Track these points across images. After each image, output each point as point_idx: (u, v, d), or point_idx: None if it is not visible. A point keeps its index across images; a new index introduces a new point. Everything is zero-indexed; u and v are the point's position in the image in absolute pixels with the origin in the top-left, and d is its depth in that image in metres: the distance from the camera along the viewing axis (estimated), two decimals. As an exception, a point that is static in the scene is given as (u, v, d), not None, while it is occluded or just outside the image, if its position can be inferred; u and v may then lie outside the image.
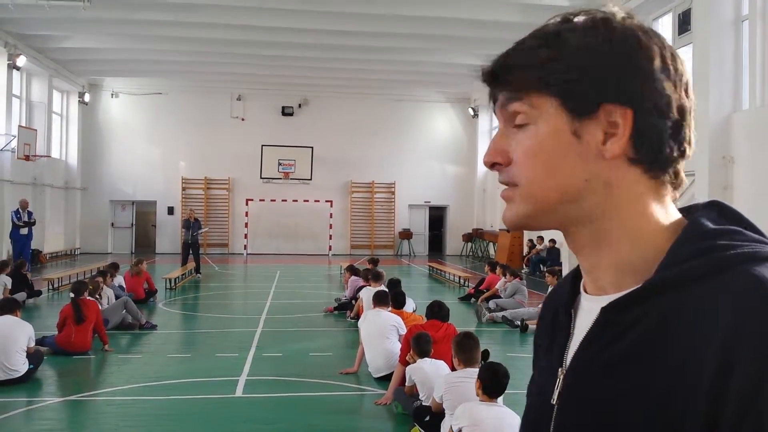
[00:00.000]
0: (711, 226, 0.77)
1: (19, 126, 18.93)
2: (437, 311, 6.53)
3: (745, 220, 0.79)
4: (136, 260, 12.61)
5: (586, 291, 0.87)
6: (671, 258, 0.75)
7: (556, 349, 0.88)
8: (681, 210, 0.84)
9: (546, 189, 0.80)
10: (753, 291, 0.67)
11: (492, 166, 0.84)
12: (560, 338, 0.88)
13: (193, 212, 17.88)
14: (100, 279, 10.21)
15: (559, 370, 0.84)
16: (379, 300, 7.54)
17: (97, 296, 9.28)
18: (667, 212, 0.81)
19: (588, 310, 0.84)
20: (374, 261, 13.20)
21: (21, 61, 18.33)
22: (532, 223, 0.83)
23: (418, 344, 5.75)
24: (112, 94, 25.07)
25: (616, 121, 0.78)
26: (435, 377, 5.28)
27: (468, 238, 25.20)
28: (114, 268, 11.85)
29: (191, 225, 16.79)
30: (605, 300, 0.81)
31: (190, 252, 16.79)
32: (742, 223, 0.78)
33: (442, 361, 5.66)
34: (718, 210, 0.80)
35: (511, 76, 0.81)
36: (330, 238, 25.29)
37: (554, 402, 0.83)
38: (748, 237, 0.75)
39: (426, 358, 5.65)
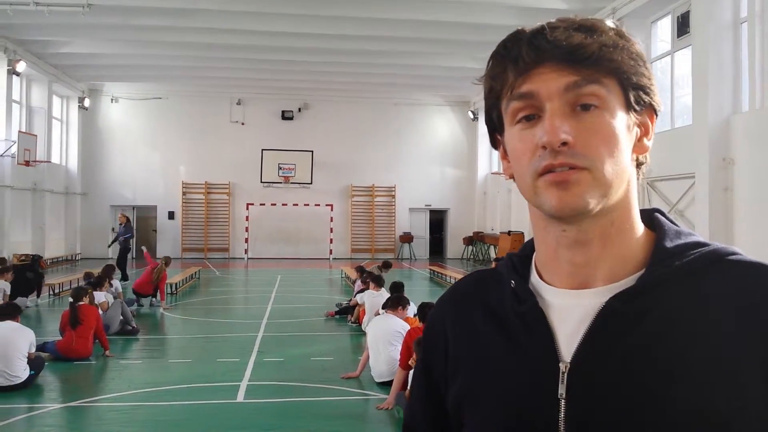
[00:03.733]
0: (678, 226, 0.88)
1: (19, 131, 18.96)
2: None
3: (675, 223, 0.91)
4: (164, 259, 12.73)
5: (549, 285, 0.88)
6: (664, 252, 0.84)
7: (534, 347, 0.86)
8: None
9: (613, 175, 0.81)
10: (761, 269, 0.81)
11: (561, 144, 0.78)
12: (537, 336, 0.87)
13: (125, 214, 17.88)
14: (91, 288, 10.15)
15: (560, 364, 0.83)
16: (394, 304, 7.30)
17: (97, 296, 9.27)
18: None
19: (567, 305, 0.86)
20: (387, 264, 13.01)
21: (21, 66, 18.37)
22: (595, 209, 0.81)
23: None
24: (112, 99, 25.09)
25: (647, 121, 0.86)
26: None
27: (469, 241, 25.19)
28: (111, 270, 11.79)
29: (126, 228, 16.87)
30: (597, 293, 0.84)
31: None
32: (676, 225, 0.90)
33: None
34: (661, 213, 0.91)
35: (602, 56, 0.80)
36: (331, 242, 25.30)
37: (561, 396, 0.82)
38: (698, 235, 0.88)
39: (428, 362, 5.60)
